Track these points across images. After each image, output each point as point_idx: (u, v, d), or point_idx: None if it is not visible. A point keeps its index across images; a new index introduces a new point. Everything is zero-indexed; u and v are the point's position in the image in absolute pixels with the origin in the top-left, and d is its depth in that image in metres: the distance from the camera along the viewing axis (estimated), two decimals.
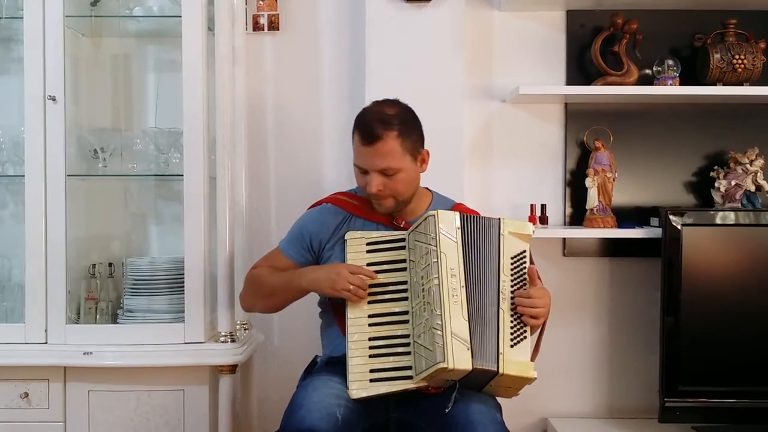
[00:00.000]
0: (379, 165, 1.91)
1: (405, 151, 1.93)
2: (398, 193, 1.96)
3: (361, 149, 1.93)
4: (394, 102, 1.99)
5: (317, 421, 1.69)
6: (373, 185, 1.93)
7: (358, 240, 1.94)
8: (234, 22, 2.45)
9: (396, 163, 1.92)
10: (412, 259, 1.88)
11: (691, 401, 2.41)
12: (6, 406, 2.26)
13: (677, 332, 2.40)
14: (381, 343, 1.84)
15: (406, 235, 1.92)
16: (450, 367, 1.70)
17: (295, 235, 2.09)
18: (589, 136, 2.65)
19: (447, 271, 1.80)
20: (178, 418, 2.29)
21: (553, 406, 2.70)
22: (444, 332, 1.73)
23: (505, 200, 2.70)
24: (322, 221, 2.05)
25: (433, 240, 1.82)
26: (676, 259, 2.40)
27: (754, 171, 2.58)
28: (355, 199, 2.09)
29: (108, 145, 2.45)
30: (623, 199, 2.66)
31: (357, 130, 1.95)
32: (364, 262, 1.91)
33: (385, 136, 1.89)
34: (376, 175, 1.92)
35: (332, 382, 1.85)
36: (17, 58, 2.50)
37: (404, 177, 1.95)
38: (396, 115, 1.93)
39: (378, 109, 1.95)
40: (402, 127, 1.93)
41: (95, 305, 2.41)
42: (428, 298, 1.79)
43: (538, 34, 2.70)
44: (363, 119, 1.95)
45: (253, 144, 2.69)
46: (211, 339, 2.33)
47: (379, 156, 1.91)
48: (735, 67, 2.53)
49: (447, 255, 1.81)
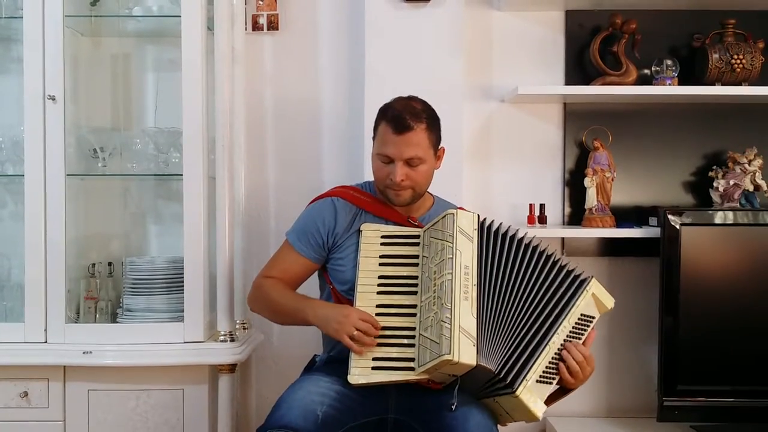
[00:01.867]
0: (407, 154, 1.95)
1: (430, 144, 1.99)
2: (418, 185, 2.00)
3: (392, 138, 1.95)
4: (417, 99, 2.04)
5: (295, 418, 1.70)
6: (398, 174, 1.95)
7: (373, 232, 1.97)
8: (233, 22, 2.45)
9: (422, 153, 1.96)
10: (425, 255, 1.90)
11: (689, 400, 2.41)
12: (5, 405, 2.27)
13: (676, 331, 2.41)
14: (386, 333, 1.84)
15: (421, 233, 1.95)
16: (455, 360, 1.69)
17: (307, 228, 2.05)
18: (588, 135, 2.65)
19: (461, 268, 1.81)
20: (178, 417, 2.29)
21: (552, 406, 2.70)
22: (452, 326, 1.73)
23: (504, 200, 2.71)
24: (338, 215, 2.05)
25: (450, 237, 1.85)
26: (675, 259, 2.41)
27: (753, 171, 2.58)
28: (365, 195, 2.10)
29: (107, 145, 2.45)
30: (622, 199, 2.67)
31: (386, 121, 1.97)
32: (377, 254, 1.94)
33: (416, 127, 1.95)
34: (401, 165, 1.96)
35: (322, 381, 1.85)
36: (17, 57, 2.51)
37: (425, 170, 2.00)
38: (424, 110, 1.99)
39: (407, 103, 2.00)
40: (429, 121, 1.99)
41: (95, 305, 2.41)
42: (439, 293, 1.80)
43: (537, 34, 2.70)
44: (393, 111, 1.98)
45: (252, 143, 2.69)
46: (210, 338, 2.33)
47: (409, 145, 1.95)
48: (733, 67, 2.53)
49: (462, 253, 1.84)
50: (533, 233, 2.49)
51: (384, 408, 1.88)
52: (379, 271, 1.92)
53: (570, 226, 2.68)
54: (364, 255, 1.94)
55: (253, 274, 2.14)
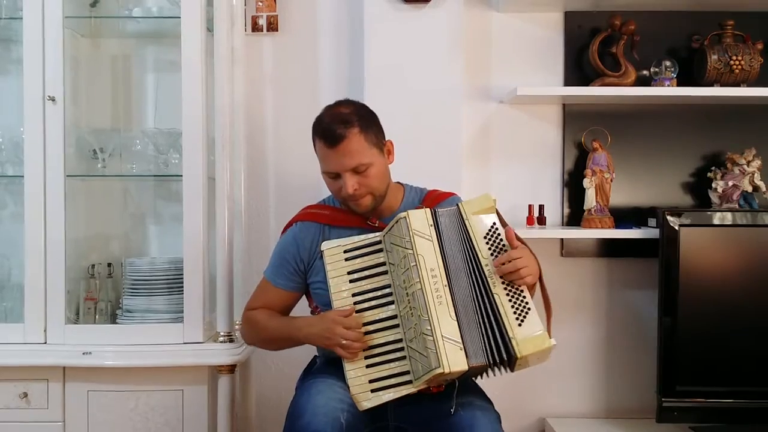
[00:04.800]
0: (349, 164, 1.89)
1: (371, 145, 1.91)
2: (374, 189, 1.94)
3: (328, 153, 1.90)
4: (346, 101, 1.99)
5: (323, 426, 1.69)
6: (348, 186, 1.90)
7: (335, 249, 1.91)
8: (233, 23, 2.46)
9: (365, 158, 1.90)
10: (391, 262, 1.85)
11: (688, 401, 2.41)
12: (5, 406, 2.27)
13: (675, 332, 2.41)
14: (375, 352, 1.81)
15: (381, 237, 1.89)
16: (446, 371, 1.69)
17: (278, 262, 2.05)
18: (587, 136, 2.66)
19: (427, 273, 1.77)
20: (177, 417, 2.29)
21: (551, 406, 2.71)
22: (435, 336, 1.71)
23: (503, 200, 2.69)
24: (299, 241, 2.01)
25: (408, 243, 1.80)
26: (674, 260, 2.41)
27: (751, 172, 2.58)
28: (325, 209, 2.06)
29: (107, 146, 2.45)
30: (621, 200, 2.67)
31: (318, 137, 1.93)
32: (344, 271, 1.88)
33: (347, 134, 1.87)
34: (349, 176, 1.90)
35: (336, 386, 1.83)
36: (17, 58, 2.51)
37: (376, 171, 1.93)
38: (352, 113, 1.92)
39: (334, 112, 1.94)
40: (361, 121, 1.91)
41: (94, 305, 2.41)
42: (413, 303, 1.77)
43: (536, 35, 2.71)
44: (321, 124, 1.93)
45: (251, 144, 2.69)
46: (210, 339, 2.33)
47: (347, 155, 1.88)
48: (732, 68, 2.54)
49: (425, 257, 1.79)
50: (532, 234, 2.51)
51: (384, 416, 1.88)
52: (351, 288, 1.87)
53: (569, 226, 2.68)
54: (332, 276, 1.88)
55: (253, 274, 2.15)
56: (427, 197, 2.07)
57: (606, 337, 2.72)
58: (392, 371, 1.79)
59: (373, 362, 1.81)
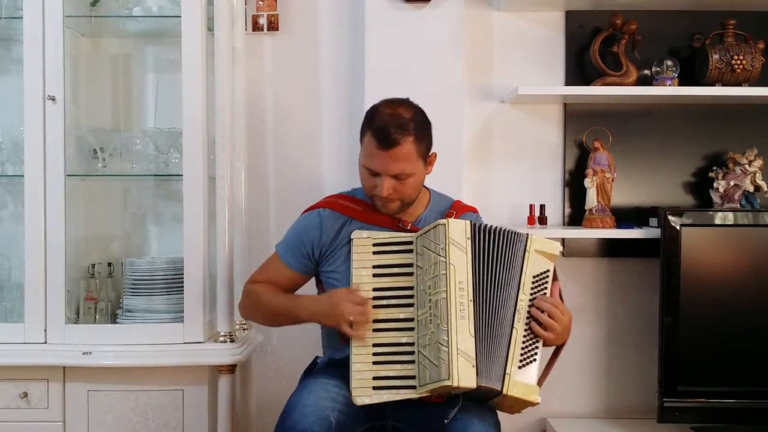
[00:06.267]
0: (393, 170, 1.86)
1: (419, 156, 1.89)
2: (406, 197, 1.93)
3: (376, 153, 1.86)
4: (407, 103, 1.93)
5: (311, 425, 1.69)
6: (384, 189, 1.88)
7: (364, 240, 1.90)
8: (233, 23, 2.45)
9: (410, 168, 1.88)
10: (419, 265, 1.84)
11: (689, 401, 2.41)
12: (5, 406, 2.26)
13: (676, 332, 2.41)
14: (385, 350, 1.81)
15: (413, 238, 1.88)
16: (455, 384, 1.69)
17: (293, 241, 2.03)
18: (588, 136, 2.65)
19: (455, 284, 1.76)
20: (177, 417, 2.29)
21: (552, 406, 2.70)
22: (450, 348, 1.71)
23: (504, 200, 2.71)
24: (323, 227, 1.99)
25: (443, 250, 1.79)
26: (675, 260, 2.41)
27: (753, 171, 2.58)
28: (355, 203, 2.03)
29: (107, 145, 2.45)
30: (622, 200, 2.67)
31: (371, 133, 1.87)
32: (370, 264, 1.88)
33: (402, 141, 1.84)
34: (387, 179, 1.87)
35: (329, 386, 1.84)
36: (17, 58, 2.51)
37: (414, 181, 1.91)
38: (412, 119, 1.88)
39: (394, 112, 1.88)
40: (418, 131, 1.87)
41: (94, 305, 2.41)
42: (435, 311, 1.76)
43: (537, 34, 2.70)
44: (379, 122, 1.86)
45: (252, 144, 2.69)
46: (210, 339, 2.33)
47: (395, 161, 1.85)
48: (734, 67, 2.53)
49: (456, 267, 1.78)
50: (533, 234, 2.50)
51: (382, 415, 1.88)
52: (373, 282, 1.87)
53: (570, 226, 2.68)
54: (357, 266, 1.88)
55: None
56: (452, 206, 2.07)
57: (607, 337, 2.72)
58: (398, 373, 1.79)
59: (380, 360, 1.81)
